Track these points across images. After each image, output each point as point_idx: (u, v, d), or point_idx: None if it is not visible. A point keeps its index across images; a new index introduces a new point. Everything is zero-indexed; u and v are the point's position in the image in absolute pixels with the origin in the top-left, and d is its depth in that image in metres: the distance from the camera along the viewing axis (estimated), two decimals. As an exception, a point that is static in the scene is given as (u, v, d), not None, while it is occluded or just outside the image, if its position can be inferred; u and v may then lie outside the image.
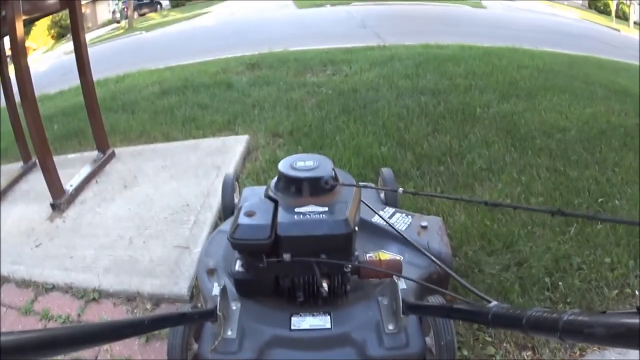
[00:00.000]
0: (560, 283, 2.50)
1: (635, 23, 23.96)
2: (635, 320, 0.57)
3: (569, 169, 3.61)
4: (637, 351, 0.56)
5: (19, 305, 2.74)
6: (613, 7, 26.22)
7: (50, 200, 3.58)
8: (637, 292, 2.49)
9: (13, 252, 3.18)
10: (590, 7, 28.79)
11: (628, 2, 25.36)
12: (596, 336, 0.62)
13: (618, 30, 20.76)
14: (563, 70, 6.84)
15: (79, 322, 2.57)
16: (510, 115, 4.64)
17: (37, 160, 3.98)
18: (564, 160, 3.76)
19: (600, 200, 3.26)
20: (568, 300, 2.42)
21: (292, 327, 1.34)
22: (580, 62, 8.23)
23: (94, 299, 2.71)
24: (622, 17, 25.15)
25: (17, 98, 3.68)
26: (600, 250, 2.73)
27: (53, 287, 2.84)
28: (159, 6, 32.87)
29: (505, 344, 2.19)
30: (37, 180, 3.94)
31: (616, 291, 2.48)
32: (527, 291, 2.46)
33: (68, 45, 18.70)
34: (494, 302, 0.91)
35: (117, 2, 29.96)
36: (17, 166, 4.42)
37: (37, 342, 0.73)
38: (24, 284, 2.91)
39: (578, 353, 2.17)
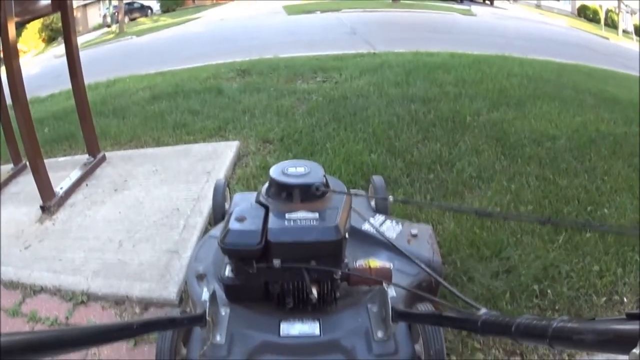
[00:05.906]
0: (549, 290, 2.52)
1: (624, 31, 24.24)
2: (624, 327, 0.58)
3: (559, 178, 3.63)
4: (626, 357, 0.57)
5: (7, 307, 2.71)
6: (602, 15, 26.52)
7: (40, 202, 3.55)
8: (625, 299, 2.51)
9: (2, 253, 3.15)
10: (579, 15, 29.11)
11: (617, 11, 25.67)
12: (586, 342, 0.62)
13: (607, 39, 20.97)
14: (552, 79, 6.89)
15: (67, 325, 2.55)
16: (500, 123, 4.66)
17: (27, 163, 3.95)
18: (554, 168, 3.78)
19: (589, 208, 3.28)
20: (557, 307, 2.44)
21: (281, 333, 1.33)
22: (569, 70, 8.30)
23: (82, 301, 2.70)
24: (611, 25, 25.47)
25: (9, 100, 3.65)
26: (589, 258, 2.75)
27: (41, 289, 2.82)
28: (149, 11, 32.87)
29: (494, 350, 2.20)
30: (27, 182, 3.91)
31: (605, 298, 2.50)
32: (516, 298, 2.47)
33: (59, 48, 18.64)
34: (484, 310, 0.91)
35: (108, 6, 29.89)
36: (7, 168, 4.38)
37: (24, 344, 0.73)
38: (12, 285, 2.89)
39: (567, 359, 2.19)
